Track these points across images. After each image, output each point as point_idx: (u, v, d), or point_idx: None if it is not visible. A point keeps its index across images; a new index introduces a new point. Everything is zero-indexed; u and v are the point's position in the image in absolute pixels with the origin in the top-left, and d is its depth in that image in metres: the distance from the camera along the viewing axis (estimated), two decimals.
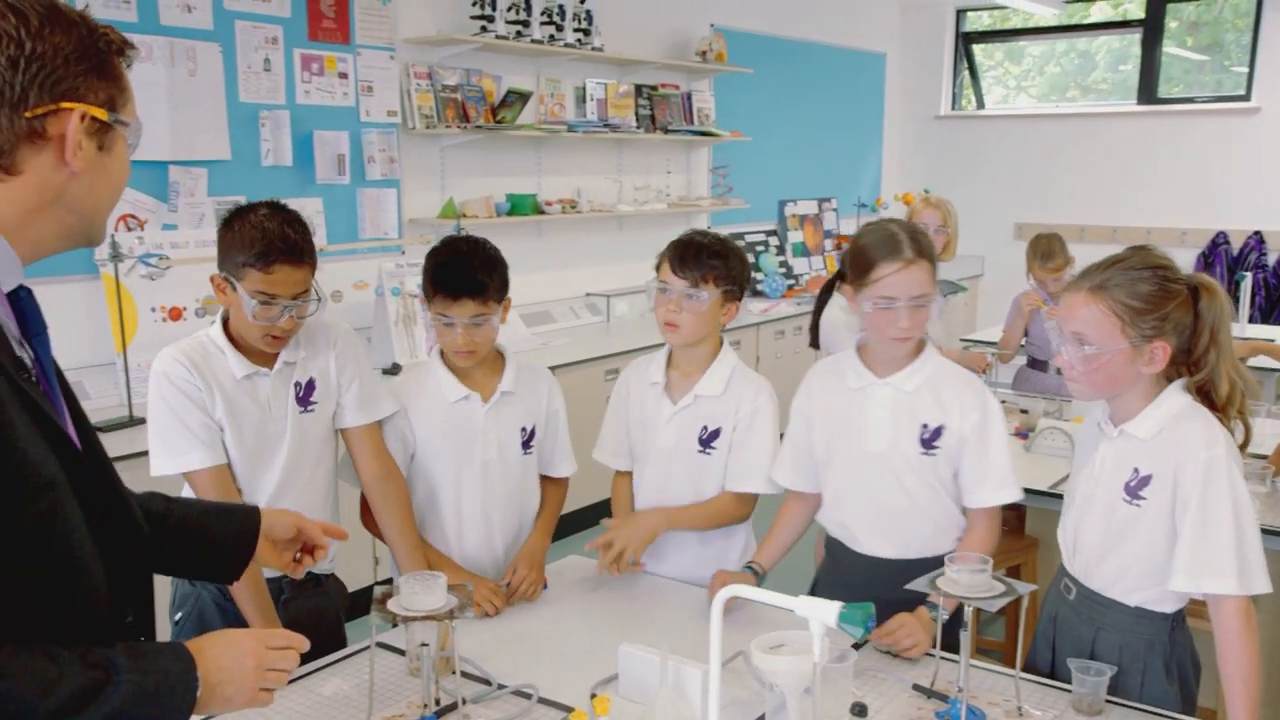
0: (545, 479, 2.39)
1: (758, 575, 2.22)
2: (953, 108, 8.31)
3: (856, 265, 2.09)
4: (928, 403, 2.10)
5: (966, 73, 8.29)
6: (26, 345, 1.23)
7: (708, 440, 2.31)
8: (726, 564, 2.33)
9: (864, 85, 8.02)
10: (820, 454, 2.20)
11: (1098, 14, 7.75)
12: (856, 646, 1.92)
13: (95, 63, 1.18)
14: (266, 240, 1.97)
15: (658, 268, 2.30)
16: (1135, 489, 1.84)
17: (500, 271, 2.20)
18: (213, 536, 1.52)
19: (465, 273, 2.15)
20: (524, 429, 2.30)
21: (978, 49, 8.29)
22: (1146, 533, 1.83)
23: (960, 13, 8.18)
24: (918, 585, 1.74)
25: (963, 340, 5.09)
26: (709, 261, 2.23)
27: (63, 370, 1.31)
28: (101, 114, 1.18)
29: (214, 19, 4.01)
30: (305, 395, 2.12)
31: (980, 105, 8.33)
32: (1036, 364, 4.60)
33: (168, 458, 2.02)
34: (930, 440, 2.09)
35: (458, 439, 2.25)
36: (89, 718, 1.10)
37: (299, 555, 1.61)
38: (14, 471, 1.10)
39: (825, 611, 1.31)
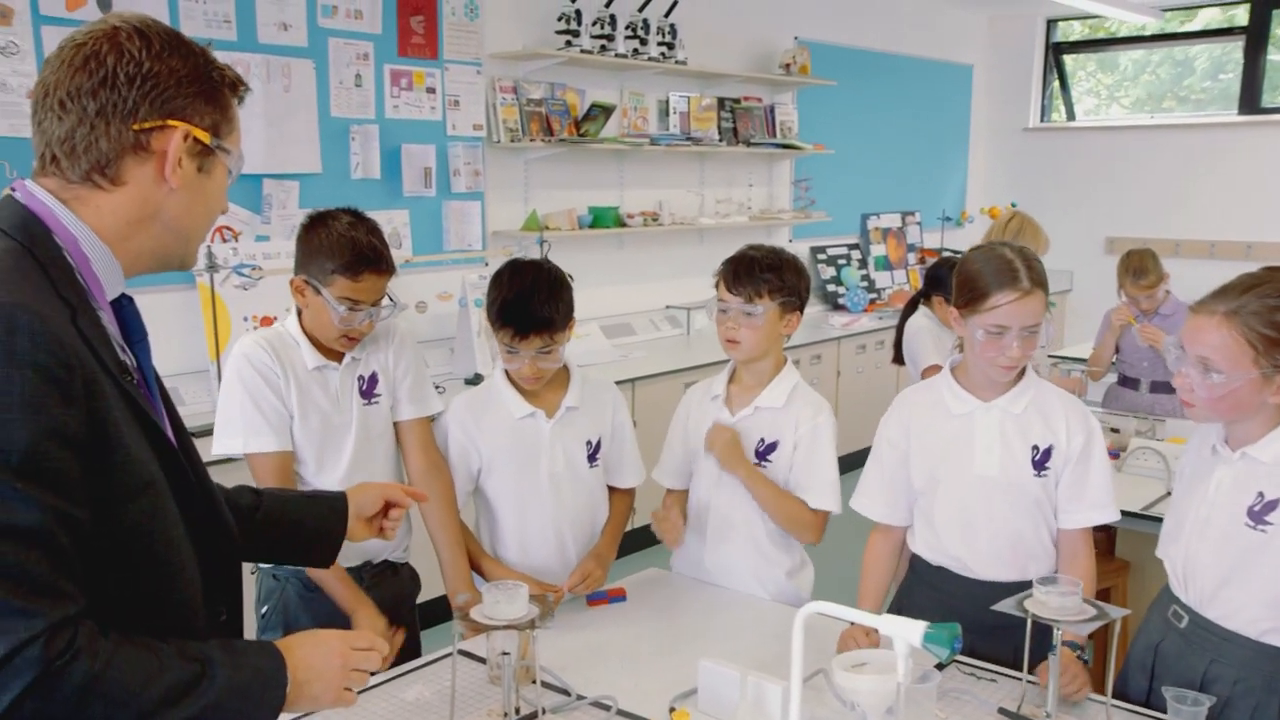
0: (611, 489, 2.40)
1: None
2: (1042, 119, 8.15)
3: (967, 291, 2.03)
4: (1036, 424, 2.06)
5: (1056, 83, 8.12)
6: (128, 351, 1.27)
7: (764, 453, 2.30)
8: (779, 582, 2.33)
9: (950, 97, 7.91)
10: (920, 483, 2.15)
11: (1198, 21, 7.53)
12: (940, 667, 1.88)
13: (205, 88, 1.25)
14: (356, 250, 2.05)
15: (716, 285, 2.30)
16: (1260, 514, 1.77)
17: (566, 298, 2.20)
18: (305, 525, 1.58)
19: (531, 310, 2.14)
20: (589, 442, 2.32)
21: (1068, 58, 8.12)
22: (1275, 558, 1.75)
23: (1051, 23, 8.02)
24: (1004, 607, 1.70)
25: (1051, 356, 4.98)
26: (762, 276, 2.23)
27: (160, 377, 1.36)
28: (204, 136, 1.24)
29: (308, 36, 4.12)
30: (369, 389, 2.20)
31: (1071, 117, 8.15)
32: (1127, 381, 4.48)
33: (233, 437, 2.08)
34: (1041, 462, 2.06)
35: (524, 455, 2.27)
36: (186, 709, 1.13)
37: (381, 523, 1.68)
38: (118, 469, 1.14)
39: (910, 630, 1.28)
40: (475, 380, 4.36)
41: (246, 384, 2.08)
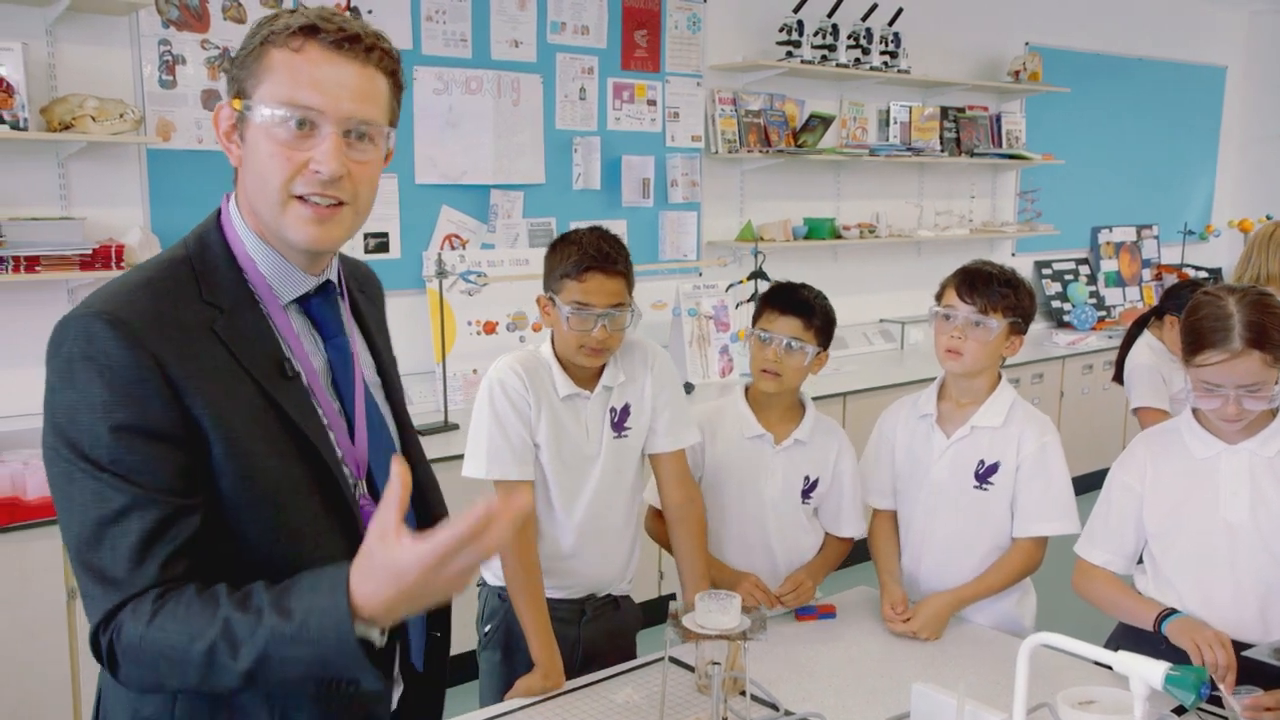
0: (830, 536, 2.36)
1: None
2: None
3: (1185, 339, 1.95)
4: None
5: None
6: (322, 349, 1.32)
7: (984, 475, 2.21)
8: (1006, 611, 2.25)
9: (1198, 101, 7.39)
10: (1154, 527, 2.03)
11: None
12: (1178, 712, 1.75)
13: (247, 56, 1.23)
14: (582, 250, 2.04)
15: (939, 294, 2.24)
16: None
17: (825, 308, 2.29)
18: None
19: (799, 294, 2.27)
20: (807, 477, 2.30)
21: None
22: None
23: None
24: (1258, 653, 1.57)
25: None
26: (999, 290, 2.16)
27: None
28: (236, 104, 1.23)
29: (537, 52, 4.28)
30: (620, 420, 2.15)
31: None
32: None
33: (481, 462, 2.07)
34: None
35: (746, 472, 2.27)
36: (242, 660, 1.10)
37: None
38: (227, 466, 1.19)
39: (1150, 670, 1.20)
40: (686, 389, 4.40)
41: (497, 410, 2.04)
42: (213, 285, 1.24)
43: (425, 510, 1.43)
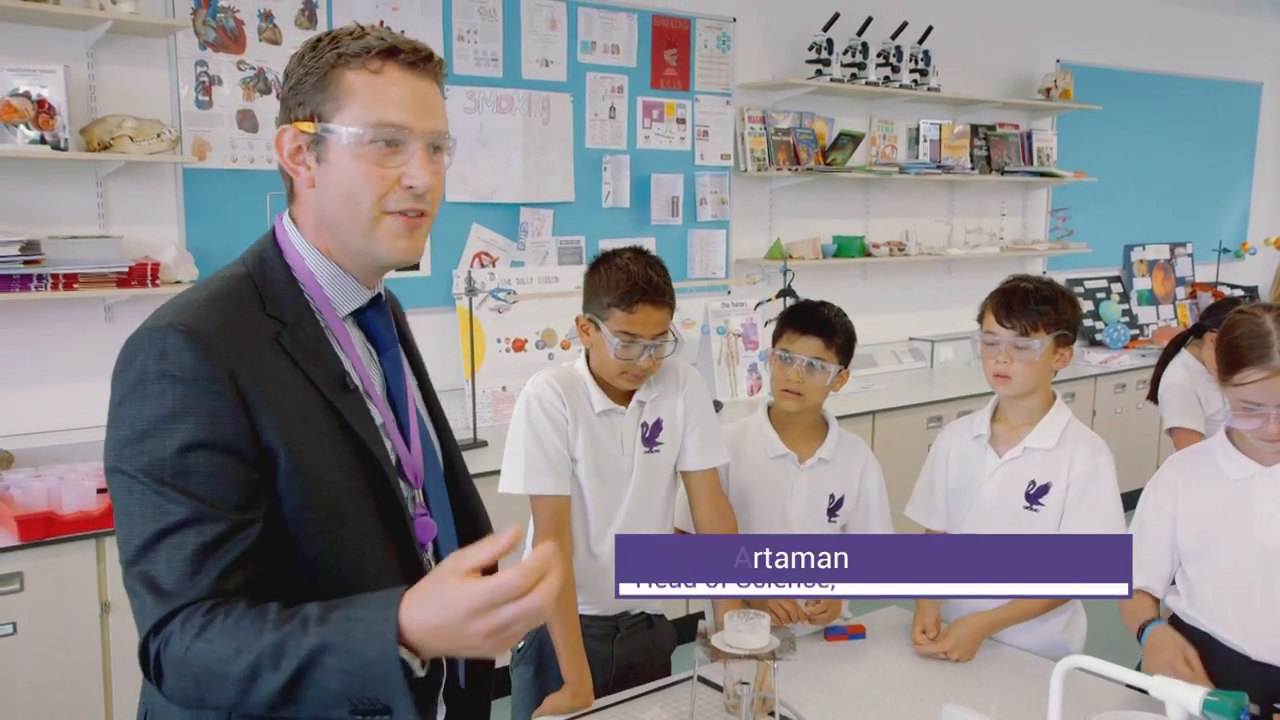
0: None
1: None
2: None
3: (1222, 358, 1.93)
4: None
5: None
6: (377, 360, 1.34)
7: (1035, 496, 2.19)
8: (1053, 635, 2.22)
9: (1233, 118, 7.33)
10: (1189, 547, 2.01)
11: None
12: None
13: (315, 78, 1.25)
14: (631, 281, 2.03)
15: (980, 318, 2.22)
16: None
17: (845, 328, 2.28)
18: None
19: (820, 314, 2.27)
20: (832, 495, 2.30)
21: None
22: None
23: None
24: None
25: None
26: (1037, 308, 2.14)
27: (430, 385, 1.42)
28: (307, 127, 1.25)
29: (568, 72, 4.31)
30: (651, 436, 2.15)
31: None
32: None
33: (519, 477, 2.06)
34: None
35: (769, 493, 2.28)
36: (283, 670, 1.09)
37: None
38: (293, 478, 1.20)
39: (1187, 695, 1.19)
40: (715, 407, 4.39)
41: (534, 424, 2.05)
42: (274, 299, 1.26)
43: (473, 526, 1.44)
